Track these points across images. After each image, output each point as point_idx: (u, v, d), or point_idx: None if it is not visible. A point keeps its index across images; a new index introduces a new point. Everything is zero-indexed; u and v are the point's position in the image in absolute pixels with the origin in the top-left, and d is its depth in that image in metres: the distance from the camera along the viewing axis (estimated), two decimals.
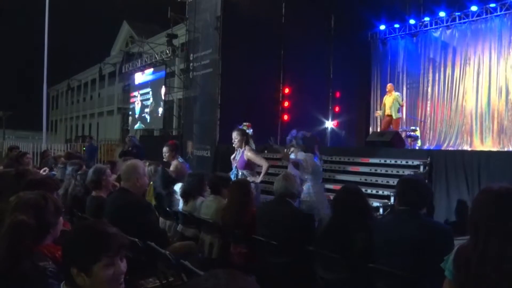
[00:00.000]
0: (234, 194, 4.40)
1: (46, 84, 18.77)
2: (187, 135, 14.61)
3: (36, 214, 2.32)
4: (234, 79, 12.70)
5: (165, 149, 6.89)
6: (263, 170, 6.35)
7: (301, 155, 5.86)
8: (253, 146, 6.50)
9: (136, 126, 21.40)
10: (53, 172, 7.06)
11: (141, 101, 20.83)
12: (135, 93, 21.67)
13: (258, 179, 6.26)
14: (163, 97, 18.62)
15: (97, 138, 34.51)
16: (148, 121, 20.31)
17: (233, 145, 6.51)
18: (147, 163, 6.11)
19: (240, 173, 6.34)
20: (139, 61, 20.59)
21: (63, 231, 2.52)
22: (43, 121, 19.29)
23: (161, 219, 5.35)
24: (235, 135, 6.42)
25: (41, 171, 7.04)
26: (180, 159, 6.99)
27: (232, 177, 6.39)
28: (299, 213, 4.17)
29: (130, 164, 4.27)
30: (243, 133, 6.47)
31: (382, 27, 15.38)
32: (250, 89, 12.81)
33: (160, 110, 19.08)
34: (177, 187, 5.88)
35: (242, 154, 6.35)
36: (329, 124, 15.05)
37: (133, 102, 21.79)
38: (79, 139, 30.46)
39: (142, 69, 20.28)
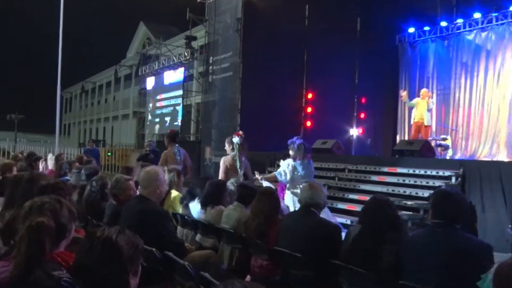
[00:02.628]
0: (262, 204, 4.31)
1: (60, 86, 18.40)
2: (205, 140, 14.56)
3: (53, 217, 2.26)
4: (255, 83, 12.67)
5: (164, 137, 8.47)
6: None
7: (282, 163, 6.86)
8: (229, 157, 6.89)
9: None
10: (67, 177, 6.90)
11: (173, 106, 18.86)
12: (163, 95, 19.81)
13: None
14: None
15: (112, 142, 34.26)
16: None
17: None
18: (166, 170, 6.09)
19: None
20: (156, 63, 20.31)
21: (75, 238, 2.45)
22: (56, 124, 18.89)
23: (178, 228, 5.29)
24: None
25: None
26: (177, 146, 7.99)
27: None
28: (326, 224, 4.03)
29: (151, 171, 4.25)
30: (228, 142, 7.06)
31: (411, 30, 15.08)
32: (272, 93, 12.78)
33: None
34: None
35: None
36: (354, 131, 14.85)
37: (161, 107, 20.03)
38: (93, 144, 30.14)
39: (160, 72, 19.78)
